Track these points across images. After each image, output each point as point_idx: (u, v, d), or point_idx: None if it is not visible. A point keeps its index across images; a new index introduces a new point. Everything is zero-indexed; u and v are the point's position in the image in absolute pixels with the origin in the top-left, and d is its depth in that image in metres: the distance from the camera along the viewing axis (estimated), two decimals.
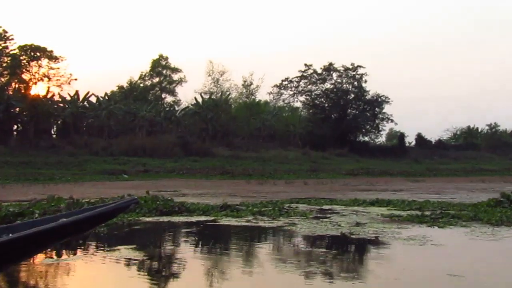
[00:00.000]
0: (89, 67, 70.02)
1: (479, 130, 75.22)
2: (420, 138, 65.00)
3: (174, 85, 57.64)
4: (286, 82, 61.47)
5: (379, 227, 9.19)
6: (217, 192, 19.88)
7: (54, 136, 48.88)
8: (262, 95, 63.06)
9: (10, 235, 4.04)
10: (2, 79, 41.98)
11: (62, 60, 45.89)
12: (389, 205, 13.04)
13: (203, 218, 10.33)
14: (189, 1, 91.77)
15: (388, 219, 10.30)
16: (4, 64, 41.48)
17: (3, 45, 42.33)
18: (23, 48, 43.58)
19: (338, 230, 8.74)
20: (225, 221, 9.98)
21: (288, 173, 38.80)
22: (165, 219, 10.22)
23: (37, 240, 3.97)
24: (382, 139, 70.62)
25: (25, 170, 33.26)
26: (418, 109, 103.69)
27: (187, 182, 27.78)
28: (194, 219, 10.21)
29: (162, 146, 45.92)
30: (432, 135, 75.23)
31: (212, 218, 10.33)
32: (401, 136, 63.85)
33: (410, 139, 66.18)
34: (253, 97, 55.22)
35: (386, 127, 66.33)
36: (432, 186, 26.47)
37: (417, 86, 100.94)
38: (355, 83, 61.69)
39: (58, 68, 46.04)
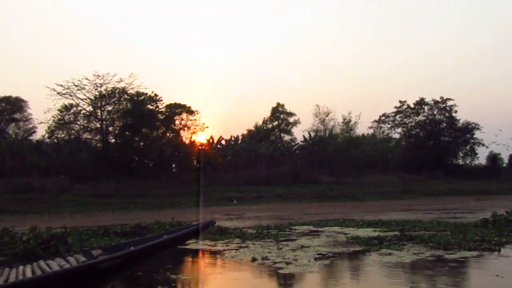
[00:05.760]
0: (223, 116, 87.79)
1: None
2: None
3: (290, 126, 67.52)
4: (383, 117, 69.26)
5: (311, 251, 8.97)
6: (279, 214, 21.12)
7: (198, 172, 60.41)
8: (362, 130, 68.08)
9: (132, 248, 5.28)
10: (159, 132, 55.98)
11: (197, 113, 59.41)
12: (383, 226, 13.17)
13: None
14: (297, 60, 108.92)
15: (344, 242, 10.19)
16: (158, 121, 55.51)
17: (155, 105, 57.04)
18: (169, 106, 57.60)
19: (262, 255, 8.73)
20: (195, 245, 10.55)
21: (380, 194, 43.72)
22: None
23: (151, 251, 5.17)
24: (480, 161, 71.65)
25: (169, 199, 39.30)
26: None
27: (274, 206, 31.46)
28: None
29: (276, 176, 55.70)
30: None
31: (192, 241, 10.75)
32: (493, 157, 66.01)
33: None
34: (352, 132, 63.86)
35: (480, 150, 65.65)
36: (489, 204, 26.39)
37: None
38: (446, 113, 66.96)
39: (195, 119, 59.69)
